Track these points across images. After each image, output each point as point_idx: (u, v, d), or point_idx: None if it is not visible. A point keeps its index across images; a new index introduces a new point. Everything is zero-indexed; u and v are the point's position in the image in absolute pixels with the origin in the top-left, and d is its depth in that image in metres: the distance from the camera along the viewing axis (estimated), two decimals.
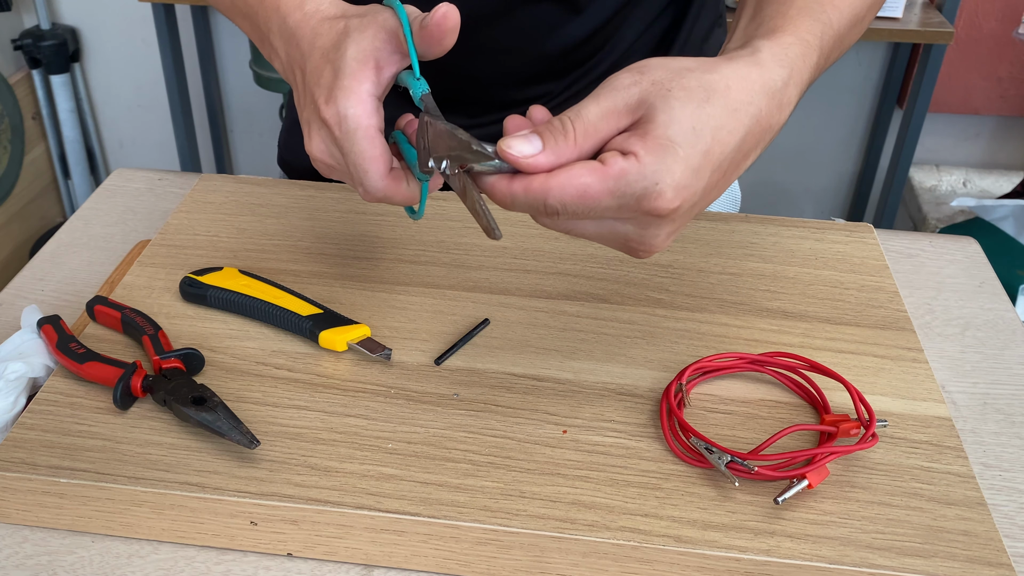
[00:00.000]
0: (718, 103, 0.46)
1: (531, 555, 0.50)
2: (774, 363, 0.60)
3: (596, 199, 0.45)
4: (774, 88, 0.48)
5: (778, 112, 0.49)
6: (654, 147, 0.44)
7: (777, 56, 0.49)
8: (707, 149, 0.45)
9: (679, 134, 0.45)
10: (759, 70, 0.48)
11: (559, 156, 0.45)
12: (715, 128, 0.46)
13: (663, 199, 0.45)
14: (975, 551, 0.49)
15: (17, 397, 0.58)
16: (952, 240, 0.82)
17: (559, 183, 0.45)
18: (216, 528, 0.52)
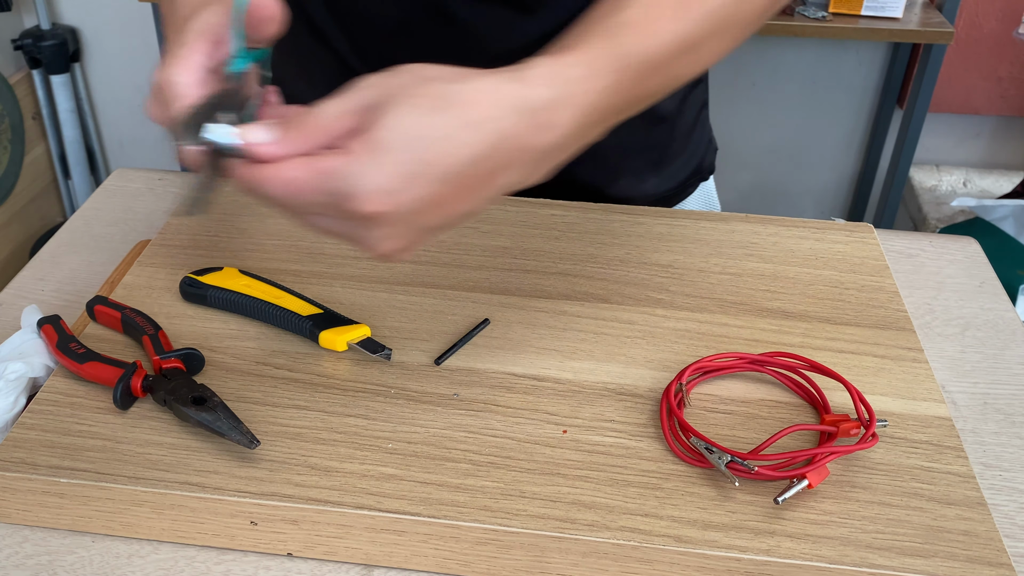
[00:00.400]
0: (452, 114, 0.44)
1: (531, 555, 0.50)
2: (774, 363, 0.60)
3: (301, 193, 0.44)
4: (531, 107, 0.46)
5: (538, 133, 0.46)
6: (365, 148, 0.44)
7: (548, 76, 0.47)
8: (428, 159, 0.44)
9: (396, 139, 0.44)
10: (517, 86, 0.46)
11: (287, 146, 0.45)
12: (442, 138, 0.44)
13: (362, 201, 0.44)
14: (975, 551, 0.49)
15: (17, 397, 0.58)
16: (952, 240, 0.82)
17: (269, 174, 0.45)
18: (216, 528, 0.52)
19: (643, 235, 0.74)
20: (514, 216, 0.76)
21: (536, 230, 0.75)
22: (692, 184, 0.90)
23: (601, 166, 0.84)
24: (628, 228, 0.75)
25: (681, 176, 0.89)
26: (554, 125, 0.47)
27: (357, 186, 0.44)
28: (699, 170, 0.90)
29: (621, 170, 0.84)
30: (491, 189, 0.47)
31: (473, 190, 0.46)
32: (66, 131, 2.30)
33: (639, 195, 0.86)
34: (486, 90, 0.45)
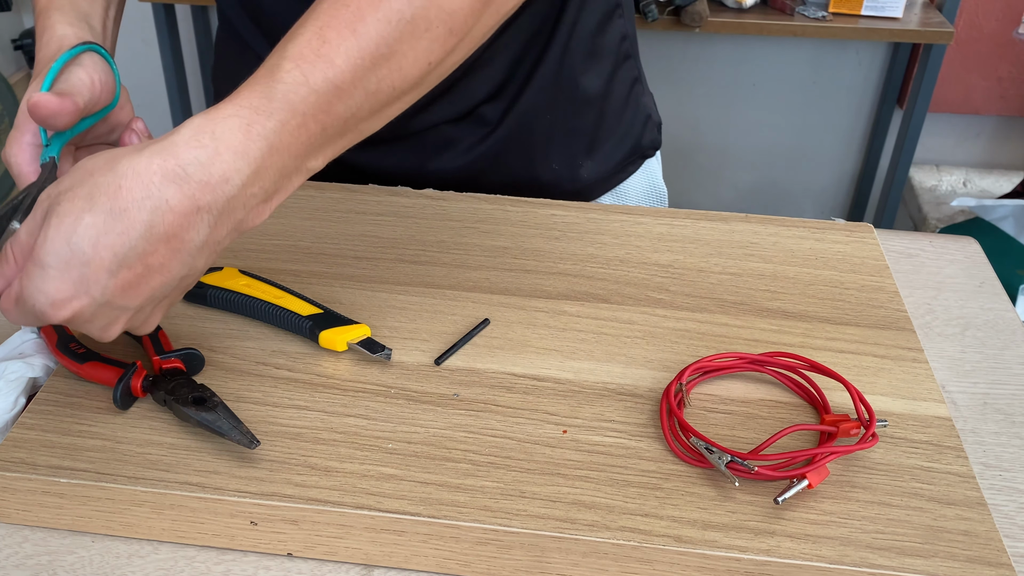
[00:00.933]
0: (100, 209, 0.46)
1: (531, 555, 0.50)
2: (774, 363, 0.60)
3: (15, 318, 0.49)
4: (182, 173, 0.46)
5: (204, 192, 0.46)
6: (30, 270, 0.47)
7: (195, 136, 0.46)
8: (88, 261, 0.46)
9: (50, 254, 0.46)
10: (160, 159, 0.46)
11: (8, 280, 0.49)
12: (96, 236, 0.46)
13: (48, 315, 0.47)
14: (975, 551, 0.49)
15: (17, 397, 0.58)
16: (952, 240, 0.82)
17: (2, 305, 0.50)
18: (216, 528, 0.52)
19: (643, 235, 0.74)
20: (514, 216, 0.76)
21: (536, 230, 0.75)
22: (632, 163, 0.89)
23: (530, 154, 0.83)
24: (628, 228, 0.75)
25: (617, 156, 0.88)
26: (221, 180, 0.47)
27: (38, 303, 0.47)
28: (637, 147, 0.89)
29: (551, 156, 0.84)
30: (181, 258, 0.48)
31: (161, 267, 0.48)
32: None
33: (574, 180, 0.86)
34: (132, 173, 0.46)
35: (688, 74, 2.24)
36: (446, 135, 0.83)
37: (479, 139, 0.82)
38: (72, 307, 0.47)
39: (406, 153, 0.83)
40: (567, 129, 0.84)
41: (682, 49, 2.21)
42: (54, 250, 0.46)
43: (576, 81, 0.82)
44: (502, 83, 0.80)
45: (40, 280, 0.47)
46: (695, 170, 2.38)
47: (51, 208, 0.47)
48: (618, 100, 0.86)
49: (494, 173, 0.84)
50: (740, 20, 1.86)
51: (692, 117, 2.28)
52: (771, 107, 2.28)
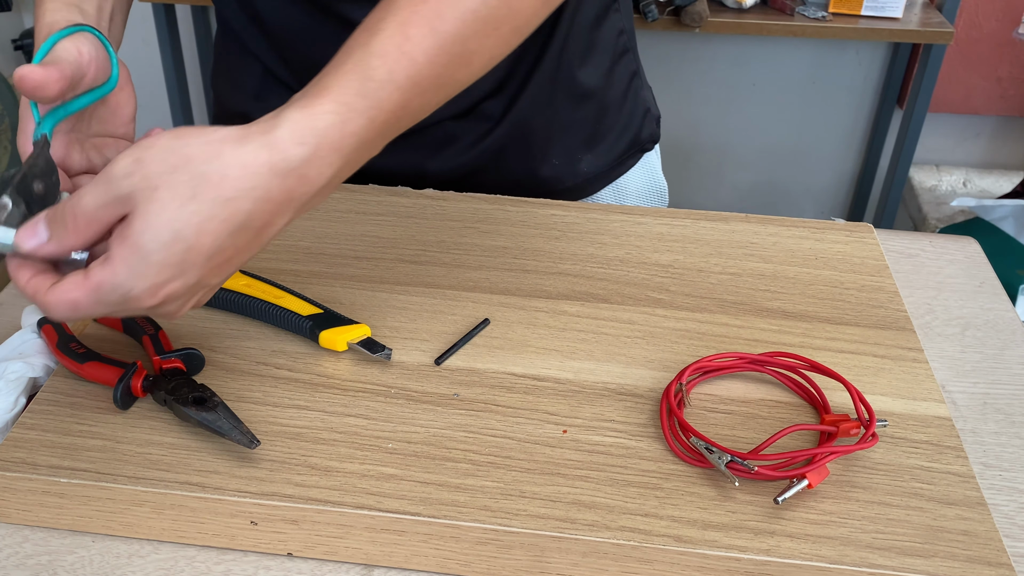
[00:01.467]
0: (207, 197, 0.46)
1: (531, 555, 0.50)
2: (774, 363, 0.60)
3: (87, 309, 0.47)
4: (287, 168, 0.47)
5: (299, 185, 0.48)
6: (128, 255, 0.46)
7: (298, 133, 0.48)
8: (190, 246, 0.46)
9: (153, 240, 0.46)
10: (268, 153, 0.47)
11: (62, 246, 0.48)
12: (201, 223, 0.46)
13: (142, 300, 0.47)
14: (975, 551, 0.49)
15: (17, 397, 0.58)
16: (952, 240, 0.82)
17: (54, 299, 0.47)
18: (216, 528, 0.52)
19: (643, 235, 0.74)
20: (514, 216, 0.76)
21: (536, 230, 0.75)
22: (631, 157, 0.90)
23: (530, 150, 0.84)
24: (628, 228, 0.75)
25: (617, 150, 0.88)
26: (316, 173, 0.49)
27: (131, 292, 0.47)
28: (636, 141, 0.90)
29: (551, 152, 0.84)
30: (261, 241, 0.50)
31: (245, 249, 0.49)
32: None
33: (574, 175, 0.86)
34: (238, 164, 0.47)
35: (688, 74, 2.24)
36: (448, 132, 0.83)
37: (480, 136, 0.82)
38: (165, 292, 0.47)
39: (408, 151, 0.83)
40: (567, 124, 0.84)
41: (682, 49, 2.21)
42: (156, 236, 0.46)
43: (575, 75, 0.82)
44: (503, 79, 0.81)
45: (134, 269, 0.46)
46: (695, 170, 2.38)
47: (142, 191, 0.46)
48: (617, 94, 0.87)
49: (495, 170, 0.84)
50: (740, 20, 1.86)
51: (692, 117, 2.28)
52: (771, 107, 2.28)
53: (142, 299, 0.47)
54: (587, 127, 0.85)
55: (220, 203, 0.46)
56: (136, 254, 0.46)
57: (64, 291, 0.47)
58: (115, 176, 0.47)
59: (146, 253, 0.46)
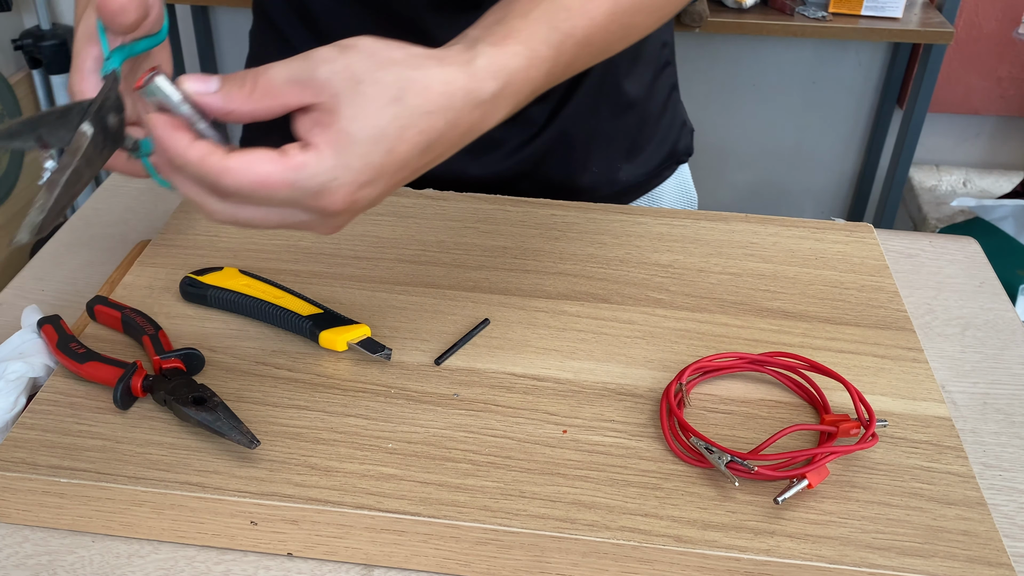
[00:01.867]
0: (411, 102, 0.45)
1: (531, 555, 0.50)
2: (774, 363, 0.60)
3: (274, 189, 0.44)
4: (479, 99, 0.48)
5: (481, 120, 0.49)
6: (334, 142, 0.44)
7: (493, 68, 0.48)
8: (391, 148, 0.45)
9: (362, 131, 0.44)
10: (467, 79, 0.47)
11: (229, 102, 0.44)
12: (402, 127, 0.45)
13: (337, 196, 0.45)
14: (975, 551, 0.49)
15: (17, 397, 0.58)
16: (952, 240, 0.82)
17: (239, 167, 0.43)
18: (216, 528, 0.52)
19: (643, 235, 0.74)
20: (514, 216, 0.76)
21: (536, 230, 0.75)
22: (668, 168, 0.90)
23: (571, 157, 0.84)
24: (628, 228, 0.75)
25: (655, 161, 0.88)
26: (496, 112, 0.50)
27: (329, 185, 0.44)
28: (673, 153, 0.90)
29: (591, 160, 0.84)
30: (431, 165, 0.49)
31: (419, 169, 0.48)
32: None
33: (612, 184, 0.86)
34: (441, 80, 0.46)
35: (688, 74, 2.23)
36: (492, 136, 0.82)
37: (524, 141, 0.82)
38: (354, 196, 0.45)
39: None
40: (609, 133, 0.84)
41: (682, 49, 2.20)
42: (363, 129, 0.44)
43: (620, 85, 0.82)
44: None
45: (339, 161, 0.44)
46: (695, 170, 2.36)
47: (348, 83, 0.44)
48: (657, 105, 0.87)
49: (535, 176, 0.84)
50: (740, 20, 1.86)
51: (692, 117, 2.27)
52: (771, 107, 2.28)
53: (337, 196, 0.44)
54: (628, 137, 0.86)
55: (420, 114, 0.45)
56: (344, 143, 0.44)
57: (254, 161, 0.43)
58: (315, 58, 0.44)
59: (355, 143, 0.44)
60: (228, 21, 2.28)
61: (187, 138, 0.44)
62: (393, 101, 0.45)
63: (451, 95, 0.46)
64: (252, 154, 0.44)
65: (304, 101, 0.44)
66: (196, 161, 0.44)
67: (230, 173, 0.44)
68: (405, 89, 0.45)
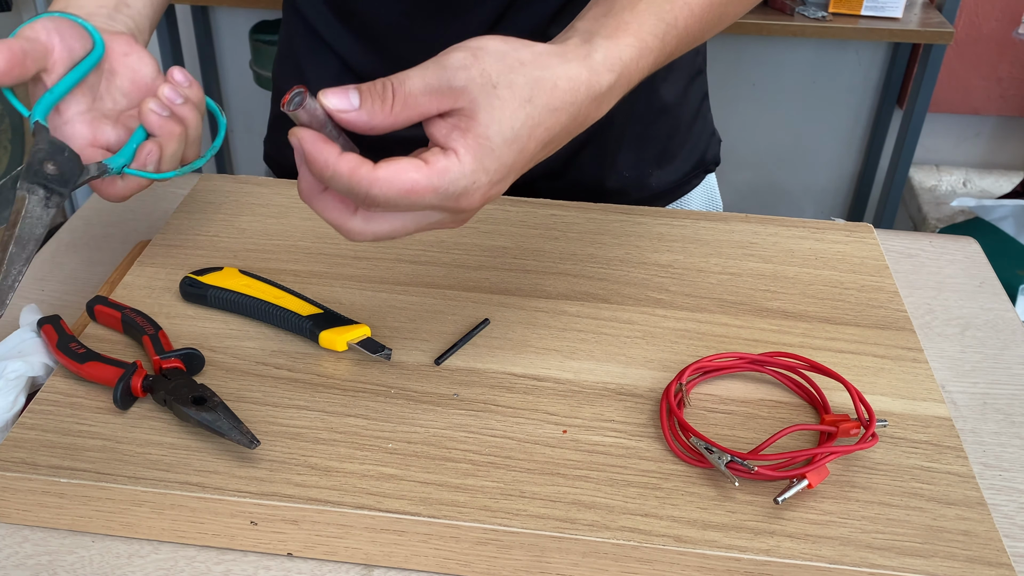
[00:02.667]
0: (540, 102, 0.47)
1: (531, 555, 0.50)
2: (774, 363, 0.60)
3: (420, 195, 0.46)
4: (599, 92, 0.50)
5: (597, 110, 0.51)
6: (475, 147, 0.46)
7: (610, 60, 0.50)
8: (522, 147, 0.48)
9: (499, 135, 0.46)
10: (588, 74, 0.49)
11: (372, 119, 0.46)
12: (533, 127, 0.47)
13: (475, 196, 0.47)
14: (975, 551, 0.49)
15: (17, 396, 0.58)
16: (952, 240, 0.82)
17: (387, 177, 0.45)
18: (216, 528, 0.52)
19: (643, 235, 0.74)
20: (514, 216, 0.76)
21: (536, 230, 0.75)
22: (696, 176, 0.90)
23: (603, 159, 0.83)
24: (628, 228, 0.75)
25: (685, 168, 0.89)
26: (611, 101, 0.52)
27: (469, 188, 0.46)
28: (703, 161, 0.90)
29: (623, 163, 0.84)
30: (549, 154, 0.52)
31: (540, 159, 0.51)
32: None
33: (641, 189, 0.86)
34: (566, 77, 0.48)
35: None
36: None
37: None
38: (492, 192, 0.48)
39: None
40: (642, 137, 0.84)
41: None
42: (501, 132, 0.46)
43: (656, 88, 0.83)
44: None
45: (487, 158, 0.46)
46: None
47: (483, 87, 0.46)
48: (690, 112, 0.87)
49: (565, 177, 0.84)
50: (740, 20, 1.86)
51: None
52: (771, 107, 2.28)
53: (475, 197, 0.47)
54: (660, 143, 0.86)
55: (548, 111, 0.48)
56: (484, 147, 0.46)
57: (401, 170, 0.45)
58: (450, 65, 0.46)
59: (493, 147, 0.46)
60: (228, 21, 2.28)
61: (336, 151, 0.46)
62: (525, 102, 0.47)
63: (575, 91, 0.49)
64: (397, 163, 0.45)
65: (442, 108, 0.46)
66: (347, 173, 0.45)
67: (379, 183, 0.45)
68: (535, 90, 0.47)
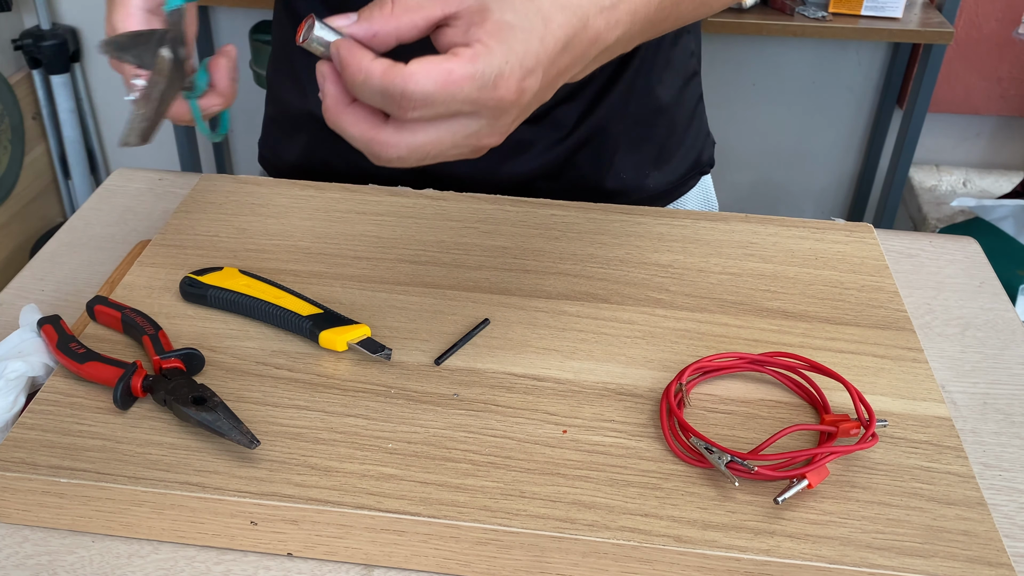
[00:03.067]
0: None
1: (531, 555, 0.50)
2: (774, 363, 0.60)
3: (459, 85, 0.44)
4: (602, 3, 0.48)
5: (606, 28, 0.49)
6: (496, 32, 0.45)
7: None
8: (542, 36, 0.46)
9: (515, 20, 0.45)
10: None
11: (372, 24, 0.45)
12: (544, 19, 0.46)
13: (511, 82, 0.45)
14: (975, 551, 0.49)
15: (17, 396, 0.58)
16: (952, 240, 0.82)
17: (422, 69, 0.44)
18: (216, 528, 0.52)
19: (643, 235, 0.74)
20: (514, 216, 0.76)
21: (536, 230, 0.75)
22: (692, 178, 0.90)
23: (600, 161, 0.84)
24: (628, 228, 0.75)
25: (681, 169, 0.89)
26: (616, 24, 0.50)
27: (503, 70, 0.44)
28: (698, 163, 0.90)
29: (620, 165, 0.84)
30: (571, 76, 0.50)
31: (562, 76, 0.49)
32: (66, 131, 2.30)
33: (640, 190, 0.86)
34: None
35: None
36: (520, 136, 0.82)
37: (554, 142, 0.82)
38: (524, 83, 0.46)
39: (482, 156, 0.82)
40: (639, 138, 0.84)
41: None
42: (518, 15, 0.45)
43: (652, 90, 0.83)
44: (581, 84, 0.81)
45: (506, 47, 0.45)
46: None
47: None
48: (686, 114, 0.87)
49: (563, 179, 0.84)
50: (740, 20, 1.86)
51: None
52: (771, 107, 2.28)
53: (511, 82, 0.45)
54: (657, 143, 0.86)
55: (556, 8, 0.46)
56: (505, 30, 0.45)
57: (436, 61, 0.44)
58: None
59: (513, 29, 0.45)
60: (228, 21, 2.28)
61: (369, 55, 0.45)
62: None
63: None
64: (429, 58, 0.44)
65: (447, 11, 0.45)
66: (381, 73, 0.44)
67: (415, 77, 0.44)
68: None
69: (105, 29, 0.61)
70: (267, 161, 0.94)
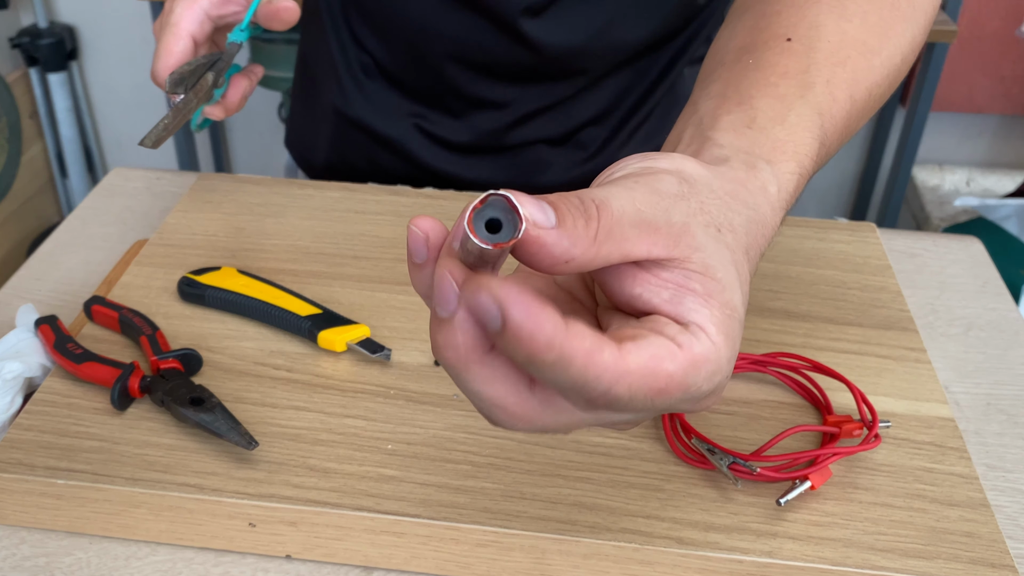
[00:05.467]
0: (757, 245, 0.39)
1: (532, 557, 0.50)
2: (776, 363, 0.60)
3: (669, 396, 0.33)
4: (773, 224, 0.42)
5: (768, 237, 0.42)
6: (724, 323, 0.34)
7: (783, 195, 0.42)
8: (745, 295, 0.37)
9: (740, 300, 0.35)
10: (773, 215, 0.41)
11: (573, 244, 0.32)
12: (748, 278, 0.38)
13: (719, 390, 0.35)
14: (978, 552, 0.49)
15: (14, 397, 0.58)
16: (955, 239, 0.82)
17: (642, 370, 0.31)
18: (214, 530, 0.52)
19: None
20: None
21: None
22: None
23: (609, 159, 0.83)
24: None
25: None
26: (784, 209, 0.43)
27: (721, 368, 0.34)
28: None
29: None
30: None
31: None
32: (63, 130, 2.30)
33: None
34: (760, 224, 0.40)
35: None
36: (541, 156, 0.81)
37: (574, 164, 0.82)
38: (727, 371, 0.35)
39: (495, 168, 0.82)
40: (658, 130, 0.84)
41: None
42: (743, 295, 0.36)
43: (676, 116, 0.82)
44: (607, 109, 0.80)
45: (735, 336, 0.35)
46: None
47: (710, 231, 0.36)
48: None
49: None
50: None
51: None
52: None
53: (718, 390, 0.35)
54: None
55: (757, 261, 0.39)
56: (732, 322, 0.34)
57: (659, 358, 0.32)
58: (662, 191, 0.35)
59: (738, 321, 0.35)
60: None
61: (559, 317, 0.30)
62: (746, 251, 0.38)
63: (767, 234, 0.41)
64: (649, 346, 0.32)
65: (653, 253, 0.34)
66: (583, 358, 0.30)
67: (629, 378, 0.31)
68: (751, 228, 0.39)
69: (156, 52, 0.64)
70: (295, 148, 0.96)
